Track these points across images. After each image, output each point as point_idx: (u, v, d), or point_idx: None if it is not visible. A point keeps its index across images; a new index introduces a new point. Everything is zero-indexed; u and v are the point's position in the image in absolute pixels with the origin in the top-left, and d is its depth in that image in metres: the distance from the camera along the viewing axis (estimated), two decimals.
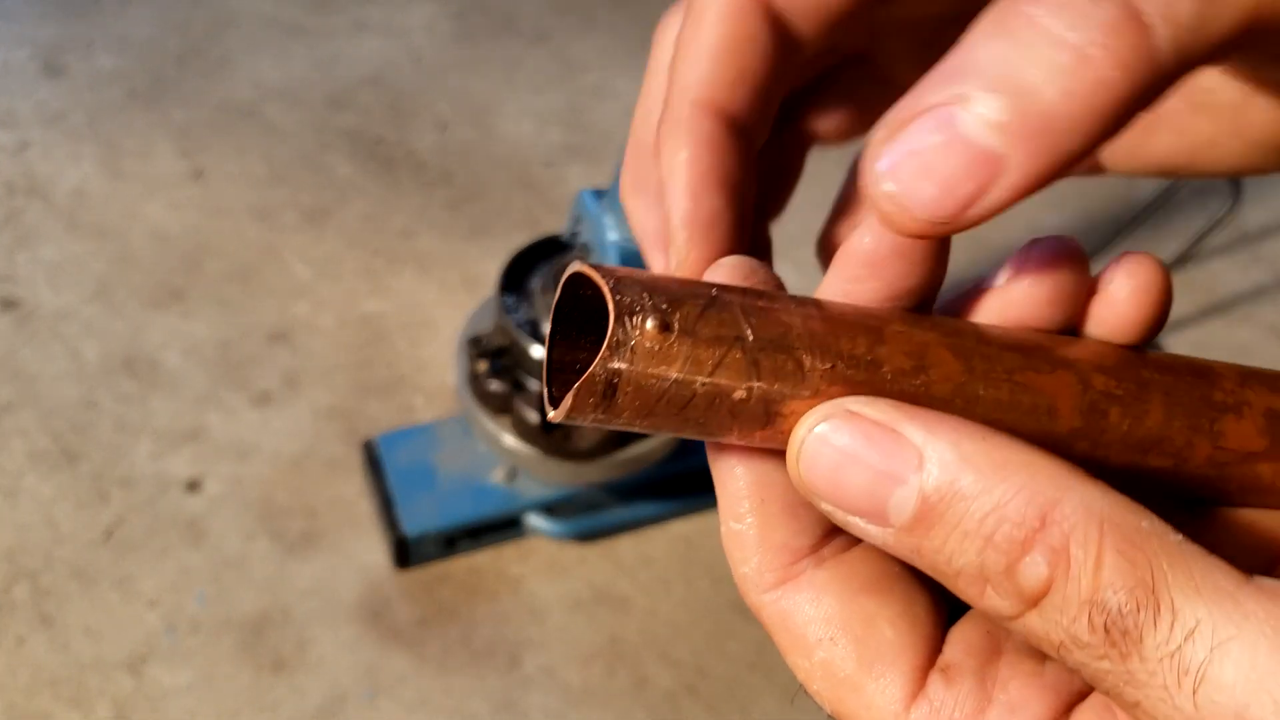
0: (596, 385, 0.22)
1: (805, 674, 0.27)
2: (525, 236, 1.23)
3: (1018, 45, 0.21)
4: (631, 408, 0.22)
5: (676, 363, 0.22)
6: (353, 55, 1.77)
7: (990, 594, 0.22)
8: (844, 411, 0.23)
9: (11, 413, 1.26)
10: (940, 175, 0.21)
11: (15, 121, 1.60)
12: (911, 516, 0.22)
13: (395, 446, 1.20)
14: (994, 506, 0.21)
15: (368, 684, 1.09)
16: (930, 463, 0.22)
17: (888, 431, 0.23)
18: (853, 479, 0.23)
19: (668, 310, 0.22)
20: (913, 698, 0.25)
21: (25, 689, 1.06)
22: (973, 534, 0.22)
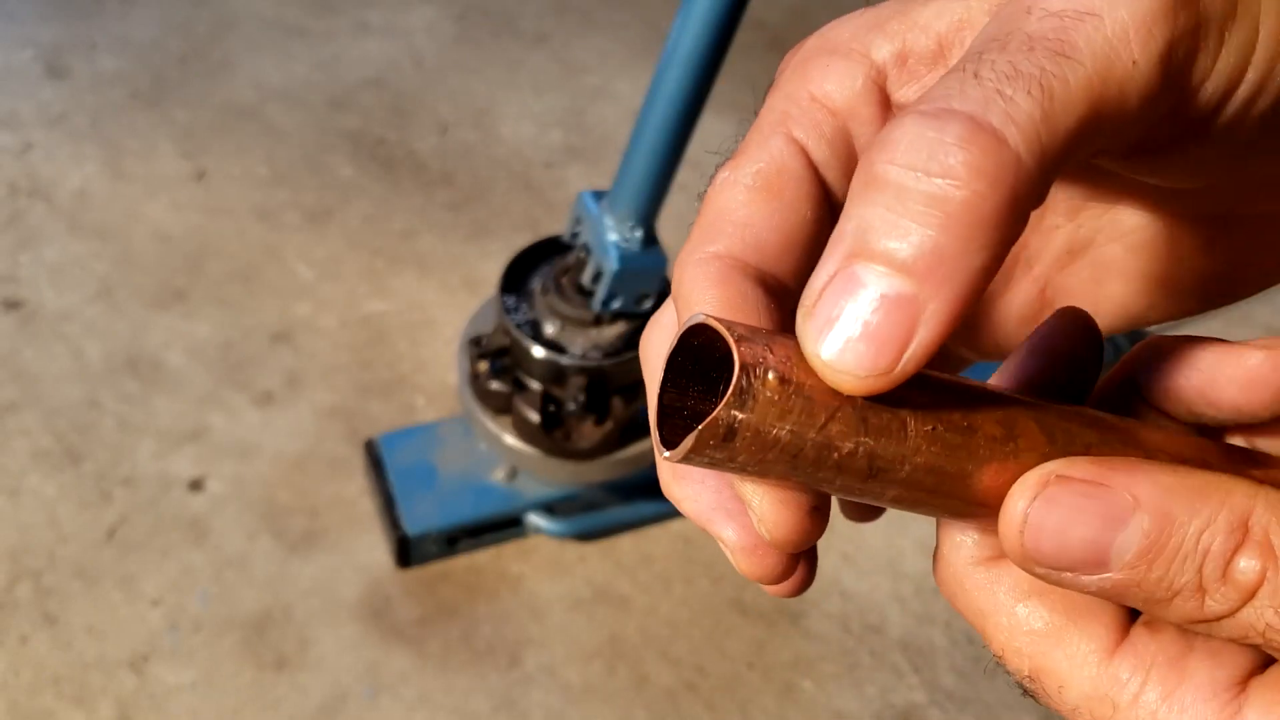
0: (719, 429, 0.23)
1: (1007, 632, 0.28)
2: (526, 237, 1.24)
3: (884, 190, 0.22)
4: (747, 452, 0.24)
5: (793, 415, 0.23)
6: (354, 57, 1.77)
7: (1209, 601, 0.24)
8: (1056, 477, 0.25)
9: (14, 413, 1.27)
10: (867, 332, 0.22)
11: (18, 123, 1.60)
12: (1136, 554, 0.24)
13: (397, 446, 1.20)
14: (1206, 524, 0.24)
15: (369, 682, 1.09)
16: (1145, 502, 0.24)
17: (1098, 486, 0.24)
18: (1076, 536, 0.24)
19: (788, 364, 0.23)
20: (1117, 645, 0.27)
21: (28, 687, 1.06)
22: (1191, 555, 0.24)
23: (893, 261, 0.22)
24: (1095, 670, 0.26)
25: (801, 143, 0.29)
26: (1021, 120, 0.22)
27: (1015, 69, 0.22)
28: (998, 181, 0.21)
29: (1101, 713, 0.26)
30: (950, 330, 0.22)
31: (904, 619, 1.19)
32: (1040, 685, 0.27)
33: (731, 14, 0.86)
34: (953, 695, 1.14)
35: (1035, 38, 0.22)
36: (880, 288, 0.22)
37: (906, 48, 0.28)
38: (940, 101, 0.22)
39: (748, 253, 0.28)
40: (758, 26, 1.87)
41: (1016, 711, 1.13)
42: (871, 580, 1.22)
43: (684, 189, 1.59)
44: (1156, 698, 0.26)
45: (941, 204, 0.21)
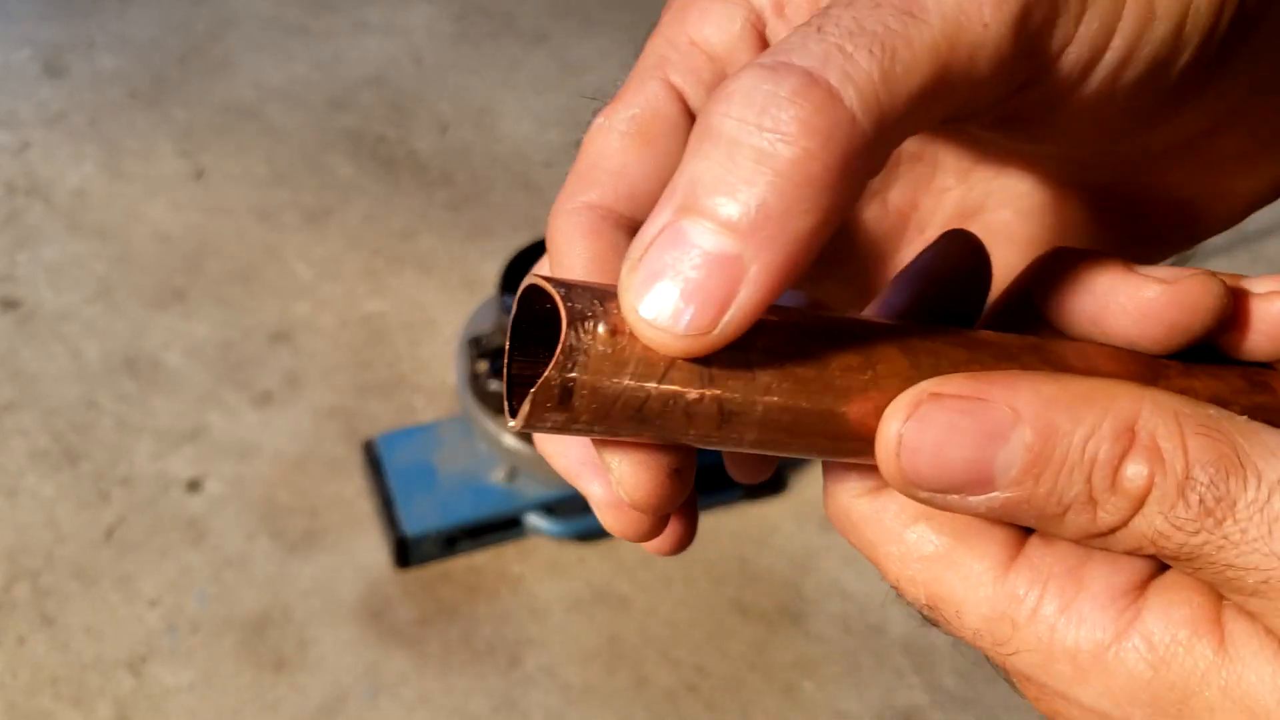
0: (553, 390, 0.22)
1: (899, 560, 0.27)
2: (525, 237, 1.23)
3: (717, 143, 0.21)
4: (589, 411, 0.22)
5: (629, 365, 0.22)
6: (354, 56, 1.77)
7: (1100, 514, 0.23)
8: (929, 395, 0.23)
9: (12, 412, 1.26)
10: (687, 289, 0.21)
11: (16, 122, 1.60)
12: (1020, 469, 0.23)
13: (396, 446, 1.20)
14: (1091, 432, 0.23)
15: (368, 683, 1.09)
16: (1025, 413, 0.23)
17: (975, 401, 0.23)
18: (955, 455, 0.23)
19: (617, 314, 0.22)
20: (1011, 560, 0.26)
21: (26, 688, 1.06)
22: (1078, 465, 0.23)
23: (718, 218, 0.21)
24: (991, 590, 0.25)
25: (679, 88, 0.28)
26: (860, 79, 0.21)
27: (860, 26, 0.21)
28: (829, 141, 0.21)
29: (1001, 633, 0.25)
30: (775, 293, 0.21)
31: (905, 620, 1.19)
32: (939, 613, 0.26)
33: None
34: (954, 696, 1.13)
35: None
36: (705, 244, 0.21)
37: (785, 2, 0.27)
38: (781, 55, 0.21)
39: (620, 202, 0.27)
40: None
41: (1017, 713, 1.13)
42: (872, 581, 1.22)
43: None
44: (1055, 610, 0.25)
45: (770, 160, 0.21)
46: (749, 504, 1.26)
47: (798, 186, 0.21)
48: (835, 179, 0.21)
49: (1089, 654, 0.24)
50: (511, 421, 0.23)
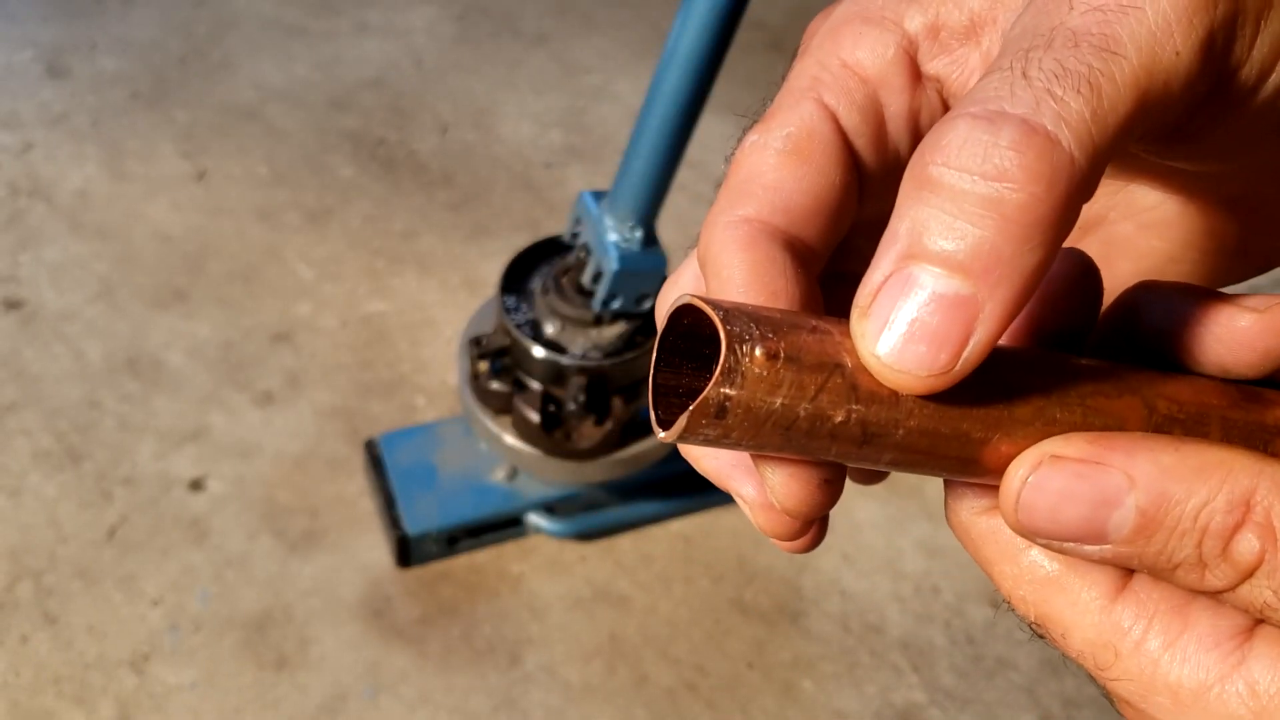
0: (709, 407, 0.23)
1: (1012, 580, 0.28)
2: (526, 237, 1.24)
3: (940, 193, 0.22)
4: (740, 428, 0.24)
5: (783, 388, 0.23)
6: (354, 57, 1.78)
7: (1208, 576, 0.24)
8: (1049, 457, 0.25)
9: (15, 412, 1.27)
10: (926, 333, 0.23)
11: (18, 123, 1.60)
12: (1131, 530, 0.24)
13: (397, 446, 1.21)
14: (1204, 503, 0.24)
15: (369, 682, 1.09)
16: (1140, 482, 0.24)
17: (1093, 465, 0.25)
18: (1070, 515, 0.24)
19: (774, 339, 0.23)
20: (1119, 592, 0.27)
21: (29, 687, 1.06)
22: (1189, 531, 0.24)
23: (949, 262, 0.22)
24: (1097, 617, 0.26)
25: (832, 108, 0.29)
26: (1073, 121, 0.22)
27: (1063, 68, 0.22)
28: (1053, 183, 0.22)
29: (1104, 659, 0.26)
30: (1006, 328, 0.23)
31: (904, 619, 1.19)
32: (1046, 630, 0.27)
33: (731, 14, 0.87)
34: (952, 695, 1.14)
35: (1079, 33, 0.22)
36: (937, 288, 0.22)
37: (939, 20, 0.28)
38: (992, 104, 0.22)
39: (776, 216, 0.28)
40: (758, 26, 1.88)
41: (1016, 711, 1.13)
42: (871, 580, 1.22)
43: (684, 189, 1.59)
44: (1159, 645, 0.26)
45: (997, 206, 0.22)
46: None
47: (1026, 229, 0.22)
48: (1060, 217, 0.22)
49: (1190, 691, 0.25)
50: (662, 433, 0.25)
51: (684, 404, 0.25)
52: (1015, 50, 0.23)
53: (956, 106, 0.23)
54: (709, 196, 1.60)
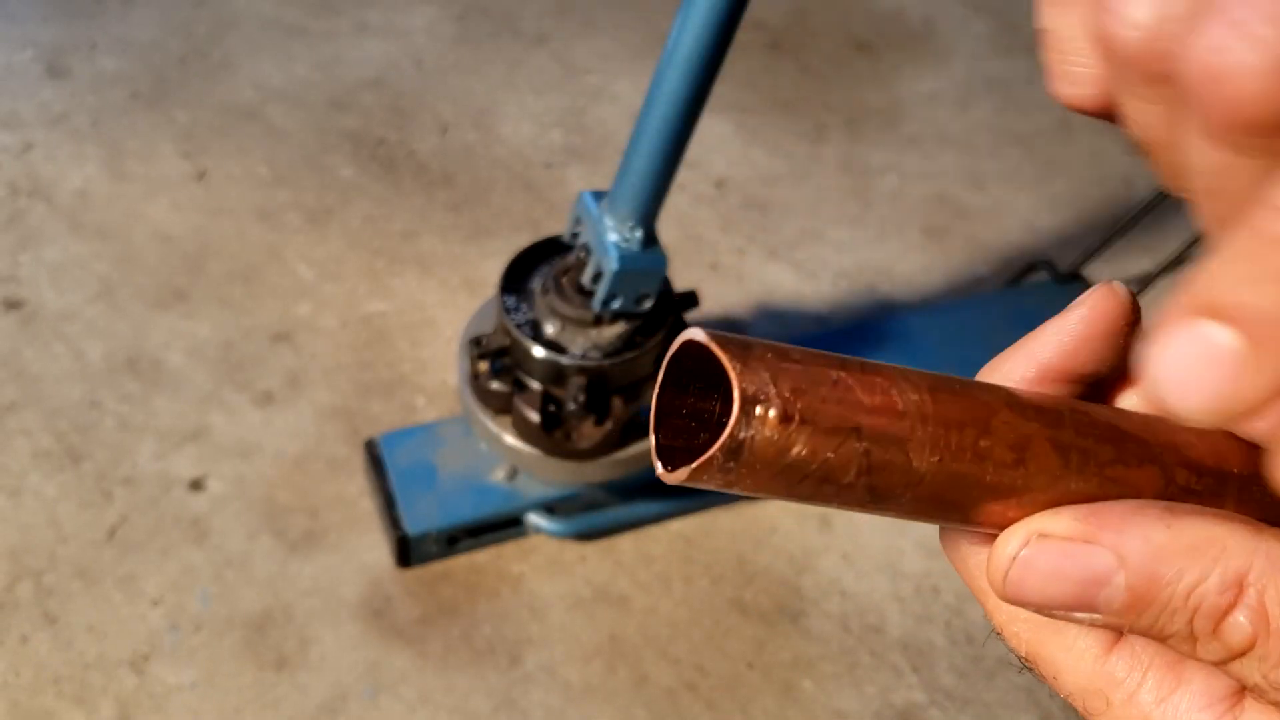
0: (714, 462, 0.23)
1: (1007, 615, 0.28)
2: (526, 238, 1.24)
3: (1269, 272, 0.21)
4: (744, 483, 0.23)
5: (794, 449, 0.23)
6: (354, 57, 1.78)
7: (1200, 649, 0.24)
8: (1037, 535, 0.25)
9: (15, 412, 1.27)
10: (1202, 383, 0.21)
11: (19, 123, 1.60)
12: (1121, 606, 0.24)
13: (397, 446, 1.21)
14: (1195, 583, 0.24)
15: (369, 682, 1.10)
16: (1130, 561, 0.24)
17: (1081, 545, 0.25)
18: (1058, 590, 0.24)
19: (790, 400, 0.23)
20: (1115, 642, 0.27)
21: (29, 687, 1.06)
22: (1180, 610, 0.24)
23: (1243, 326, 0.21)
24: (1091, 665, 0.26)
25: None
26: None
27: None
28: None
29: (1095, 705, 0.26)
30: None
31: (904, 619, 1.19)
32: (1037, 669, 0.27)
33: (731, 14, 0.87)
34: (952, 695, 1.14)
35: None
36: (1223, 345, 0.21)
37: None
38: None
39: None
40: (758, 26, 1.88)
41: (1016, 711, 1.13)
42: (871, 580, 1.22)
43: (684, 189, 1.59)
44: (1152, 700, 0.26)
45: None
46: (749, 503, 1.27)
47: None
48: None
49: None
50: (663, 470, 0.25)
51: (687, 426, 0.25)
52: None
53: None
54: (709, 196, 1.60)
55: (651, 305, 1.05)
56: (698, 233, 1.54)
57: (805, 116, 1.74)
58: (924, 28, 1.94)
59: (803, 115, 1.74)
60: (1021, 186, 1.69)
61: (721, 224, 1.56)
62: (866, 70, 1.84)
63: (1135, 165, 1.70)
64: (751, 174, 1.64)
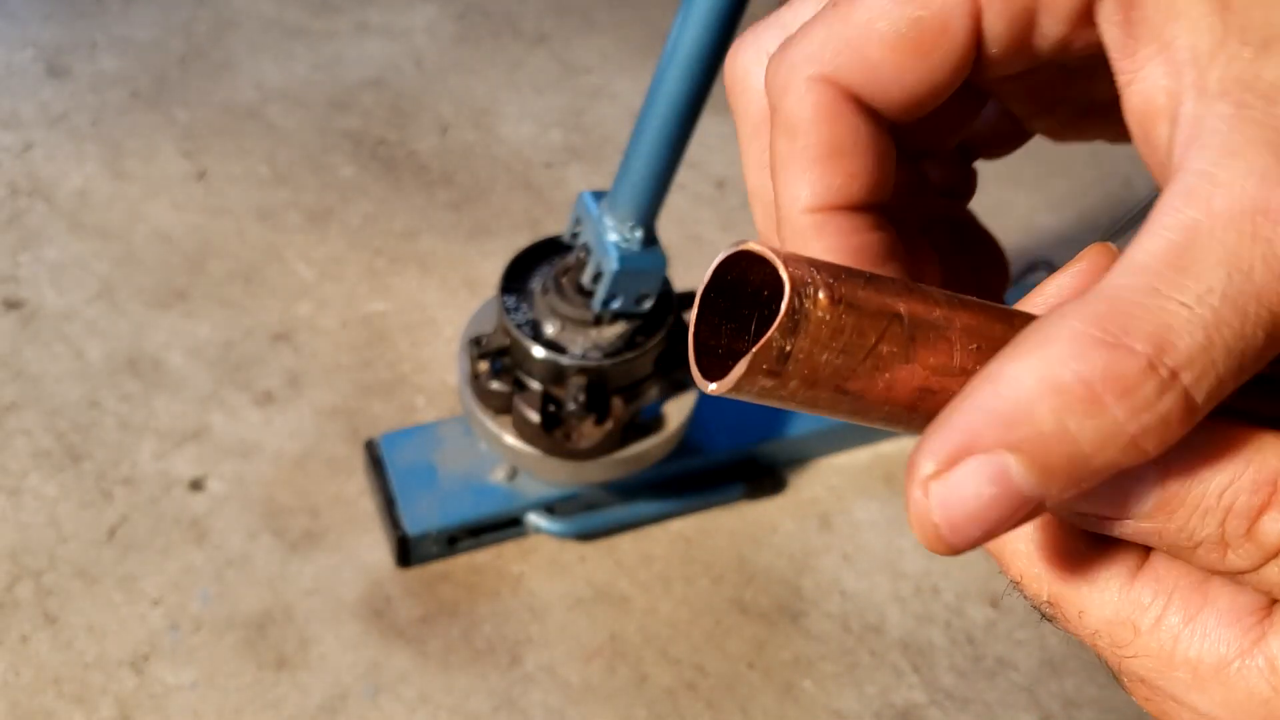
0: (771, 352, 0.22)
1: (1025, 559, 0.28)
2: (526, 237, 1.24)
3: (1080, 417, 0.22)
4: (800, 376, 0.23)
5: (845, 334, 0.23)
6: (355, 57, 1.78)
7: (1230, 556, 0.24)
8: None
9: (15, 412, 1.27)
10: (990, 520, 0.22)
11: (19, 122, 1.60)
12: (1154, 506, 0.24)
13: (397, 446, 1.21)
14: (1230, 481, 0.24)
15: (369, 681, 1.10)
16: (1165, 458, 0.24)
17: None
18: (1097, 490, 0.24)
19: (835, 285, 0.23)
20: (1139, 567, 0.26)
21: (29, 687, 1.06)
22: (1213, 509, 0.24)
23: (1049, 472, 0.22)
24: (1117, 595, 0.26)
25: (981, 6, 0.26)
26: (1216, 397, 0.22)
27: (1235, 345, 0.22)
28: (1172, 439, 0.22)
29: (1122, 636, 0.26)
30: None
31: (904, 619, 1.19)
32: (1059, 610, 0.27)
33: (731, 14, 0.87)
34: (952, 695, 1.14)
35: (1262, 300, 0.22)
36: (1024, 488, 0.22)
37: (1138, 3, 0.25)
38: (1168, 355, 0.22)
39: (867, 91, 0.26)
40: None
41: (1016, 711, 1.13)
42: (871, 580, 1.22)
43: (684, 189, 1.59)
44: (1179, 621, 0.26)
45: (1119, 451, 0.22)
46: (749, 503, 1.27)
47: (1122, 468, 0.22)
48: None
49: (1210, 666, 0.25)
50: (711, 385, 0.24)
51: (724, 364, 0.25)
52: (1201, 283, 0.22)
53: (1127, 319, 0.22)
54: (709, 196, 1.60)
55: (651, 305, 1.05)
56: (698, 233, 1.54)
57: None
58: None
59: None
60: (1021, 186, 1.69)
61: (721, 224, 1.56)
62: None
63: (1135, 165, 1.70)
64: None
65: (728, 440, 1.25)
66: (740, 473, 1.25)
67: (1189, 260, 0.22)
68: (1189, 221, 0.22)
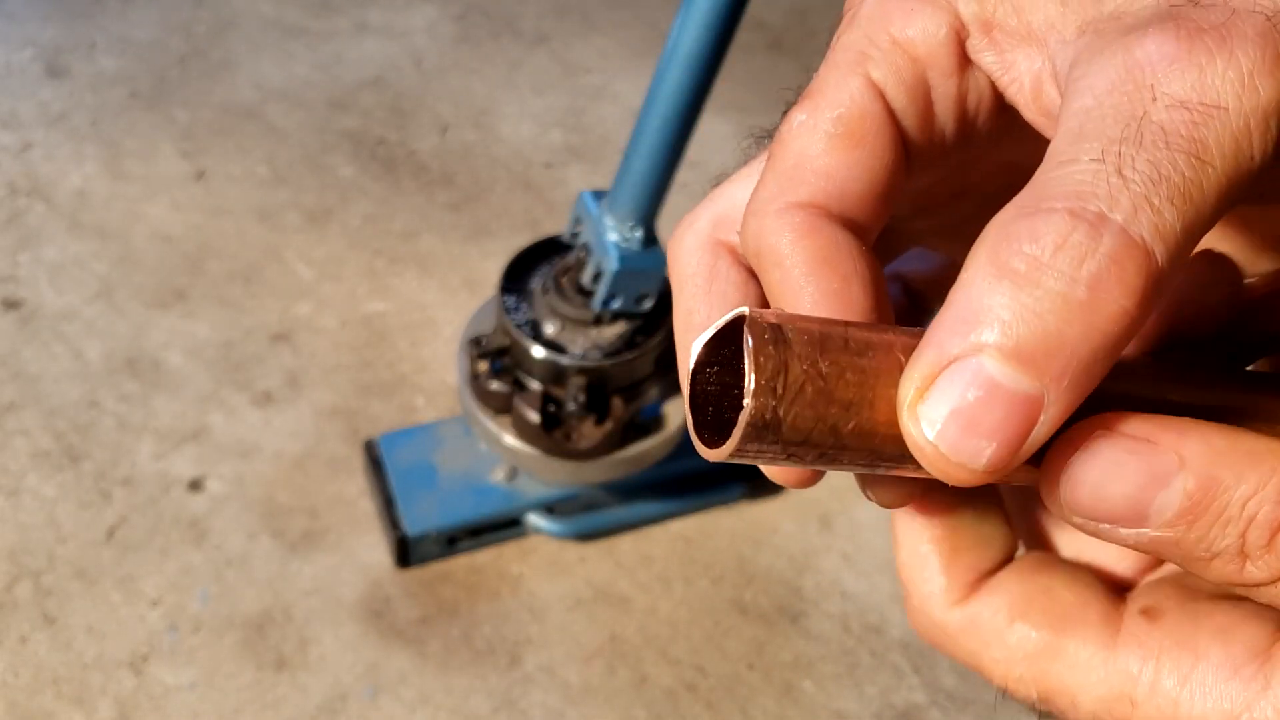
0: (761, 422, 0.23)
1: (1004, 664, 0.28)
2: (526, 237, 1.24)
3: (1029, 289, 0.22)
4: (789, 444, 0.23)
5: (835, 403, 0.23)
6: (354, 57, 1.77)
7: (1249, 567, 0.23)
8: (1103, 429, 0.24)
9: (14, 412, 1.27)
10: (988, 427, 0.22)
11: (18, 122, 1.60)
12: (1175, 514, 0.24)
13: (396, 446, 1.20)
14: (1254, 490, 0.23)
15: (369, 682, 1.09)
16: (1191, 463, 0.24)
17: (1145, 443, 0.24)
18: (1115, 490, 0.24)
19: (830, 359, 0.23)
20: (1114, 638, 0.26)
21: (28, 688, 1.06)
22: (1235, 520, 0.23)
23: (1023, 358, 0.22)
24: (1103, 671, 0.26)
25: (880, 86, 0.28)
26: (1168, 236, 0.22)
27: (1158, 173, 0.22)
28: (1145, 299, 0.22)
29: (1120, 711, 0.26)
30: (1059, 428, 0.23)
31: (904, 619, 1.19)
32: (1053, 705, 0.27)
33: (731, 14, 0.86)
34: (953, 696, 1.14)
35: (1170, 133, 0.22)
36: (1006, 382, 0.22)
37: (993, 18, 0.27)
38: (1089, 202, 0.22)
39: (831, 203, 0.28)
40: (758, 26, 1.88)
41: (1016, 711, 1.13)
42: (872, 580, 1.22)
43: (684, 189, 1.59)
44: (1175, 683, 0.25)
45: (1085, 314, 0.22)
46: (749, 504, 1.26)
47: (1110, 337, 0.22)
48: (1139, 323, 0.22)
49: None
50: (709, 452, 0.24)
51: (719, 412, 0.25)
52: (1103, 138, 0.22)
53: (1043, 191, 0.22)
54: None
55: (651, 305, 1.05)
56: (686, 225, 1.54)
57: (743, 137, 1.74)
58: None
59: None
60: None
61: None
62: None
63: None
64: None
65: None
66: (740, 473, 1.25)
67: (1086, 130, 0.22)
68: (1079, 109, 0.23)
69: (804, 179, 0.28)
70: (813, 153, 0.28)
